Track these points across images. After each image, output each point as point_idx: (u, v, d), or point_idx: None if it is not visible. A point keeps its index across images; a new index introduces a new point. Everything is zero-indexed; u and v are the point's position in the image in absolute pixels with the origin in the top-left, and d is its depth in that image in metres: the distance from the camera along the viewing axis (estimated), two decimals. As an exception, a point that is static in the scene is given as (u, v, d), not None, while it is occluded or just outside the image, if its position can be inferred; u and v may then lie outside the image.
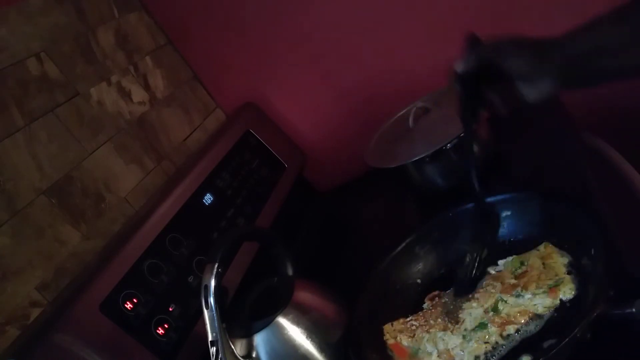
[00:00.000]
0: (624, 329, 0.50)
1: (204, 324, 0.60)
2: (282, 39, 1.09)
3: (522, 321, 0.58)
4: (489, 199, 0.72)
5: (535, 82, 0.56)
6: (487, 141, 0.89)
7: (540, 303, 0.58)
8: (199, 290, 0.60)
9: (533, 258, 0.65)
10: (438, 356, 0.60)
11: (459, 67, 0.62)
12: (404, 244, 0.77)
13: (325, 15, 1.05)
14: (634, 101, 0.98)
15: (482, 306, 0.62)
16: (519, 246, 0.68)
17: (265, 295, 0.72)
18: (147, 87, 1.02)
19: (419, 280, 0.75)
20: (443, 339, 0.61)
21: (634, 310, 0.48)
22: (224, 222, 0.89)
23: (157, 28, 1.11)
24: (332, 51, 1.09)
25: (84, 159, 0.82)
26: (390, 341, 0.65)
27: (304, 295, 0.70)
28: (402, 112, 1.01)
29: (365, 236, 1.01)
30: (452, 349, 0.60)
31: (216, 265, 0.61)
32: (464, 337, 0.60)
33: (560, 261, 0.63)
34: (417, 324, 0.66)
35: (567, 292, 0.58)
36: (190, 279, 0.77)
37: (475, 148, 0.67)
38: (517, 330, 0.58)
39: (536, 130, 0.91)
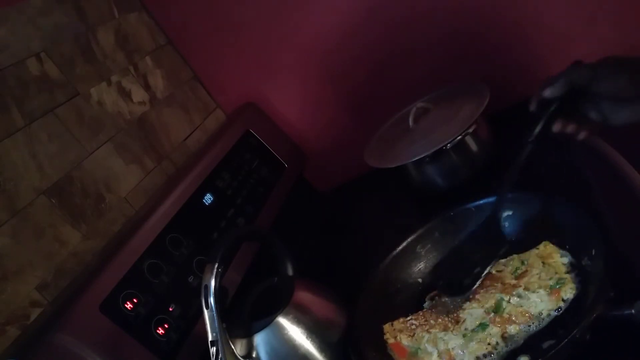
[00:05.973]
0: (624, 330, 0.50)
1: (204, 324, 0.60)
2: (282, 39, 1.09)
3: (523, 321, 0.58)
4: (489, 199, 0.73)
5: (633, 103, 0.55)
6: (487, 141, 0.89)
7: (543, 304, 0.58)
8: (199, 290, 0.60)
9: (533, 257, 0.65)
10: (438, 356, 0.60)
11: (547, 92, 0.60)
12: (405, 243, 0.77)
13: (325, 16, 1.05)
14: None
15: (483, 306, 0.62)
16: (519, 246, 0.68)
17: (265, 295, 0.72)
18: (147, 87, 1.02)
19: (419, 280, 0.75)
20: (443, 339, 0.61)
21: (633, 311, 0.48)
22: (224, 222, 0.89)
23: (157, 28, 1.11)
24: (332, 51, 1.09)
25: (84, 159, 0.82)
26: (391, 341, 0.65)
27: (304, 295, 0.70)
28: (402, 112, 1.01)
29: (365, 236, 1.01)
30: (453, 349, 0.60)
31: (216, 265, 0.61)
32: (464, 337, 0.60)
33: (560, 261, 0.63)
34: (417, 324, 0.66)
35: (567, 292, 0.58)
36: (190, 279, 0.77)
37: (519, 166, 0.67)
38: (518, 331, 0.58)
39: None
